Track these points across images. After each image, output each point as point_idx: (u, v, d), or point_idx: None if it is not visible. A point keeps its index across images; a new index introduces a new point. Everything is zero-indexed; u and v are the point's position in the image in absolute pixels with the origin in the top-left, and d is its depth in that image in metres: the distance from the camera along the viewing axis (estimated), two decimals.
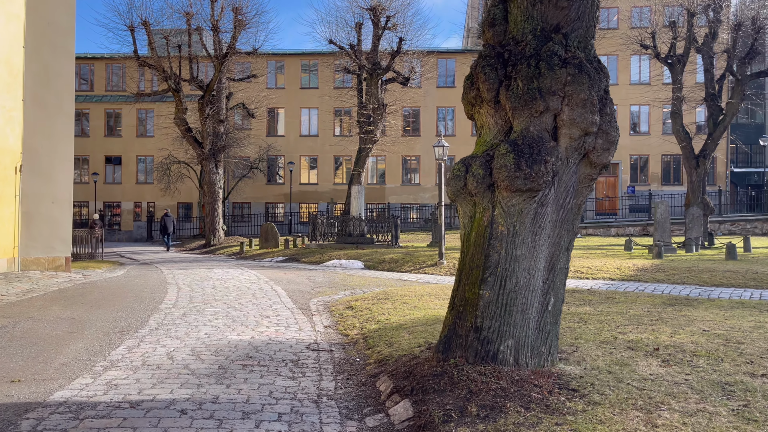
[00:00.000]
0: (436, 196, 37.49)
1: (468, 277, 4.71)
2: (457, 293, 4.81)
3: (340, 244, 21.23)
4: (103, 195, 39.47)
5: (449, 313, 4.86)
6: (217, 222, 25.75)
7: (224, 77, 25.51)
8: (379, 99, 24.16)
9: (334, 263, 17.84)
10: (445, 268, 16.24)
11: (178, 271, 14.44)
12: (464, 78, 5.14)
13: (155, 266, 16.53)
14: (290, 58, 38.80)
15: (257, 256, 21.17)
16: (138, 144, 39.45)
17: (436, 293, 9.83)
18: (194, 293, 10.62)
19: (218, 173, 25.72)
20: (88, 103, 39.67)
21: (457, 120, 37.84)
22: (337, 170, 39.05)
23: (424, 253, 18.35)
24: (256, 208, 38.57)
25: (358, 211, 22.07)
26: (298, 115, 38.85)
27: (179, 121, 24.09)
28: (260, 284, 12.29)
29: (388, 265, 17.16)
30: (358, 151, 24.81)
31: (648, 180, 36.59)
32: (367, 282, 13.68)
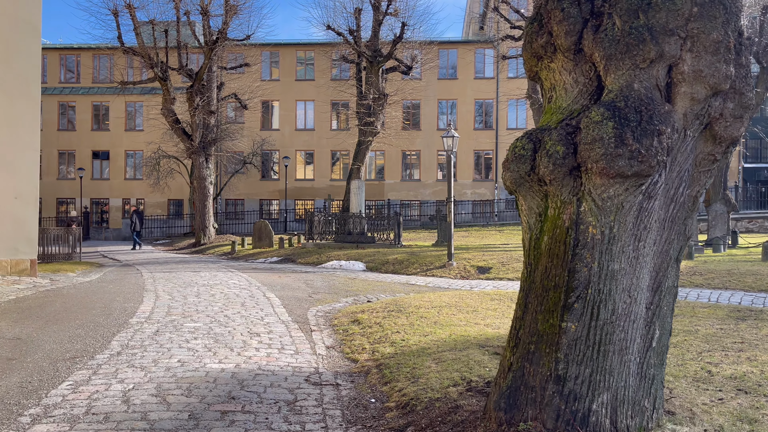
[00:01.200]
0: (437, 193, 36.10)
1: (541, 301, 3.28)
2: (523, 324, 3.38)
3: (338, 243, 19.80)
4: (90, 191, 37.88)
5: (510, 351, 3.43)
6: (207, 220, 24.25)
7: (215, 65, 23.98)
8: (380, 89, 22.72)
9: (333, 264, 16.40)
10: (454, 270, 14.84)
11: (160, 275, 12.97)
12: (527, 22, 3.68)
13: (137, 268, 15.05)
14: (285, 48, 37.27)
15: (250, 257, 19.71)
16: (127, 138, 37.89)
17: (456, 304, 8.42)
18: (174, 303, 9.17)
19: (209, 168, 24.21)
20: (75, 95, 38.08)
21: (459, 114, 36.40)
22: (334, 165, 37.59)
23: (431, 254, 16.94)
24: (249, 205, 37.07)
25: (358, 207, 20.63)
26: (294, 108, 37.34)
27: (167, 112, 22.54)
28: (251, 290, 10.85)
29: (392, 266, 15.75)
30: (358, 144, 23.37)
31: None
32: (372, 287, 12.26)
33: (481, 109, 36.48)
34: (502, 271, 14.28)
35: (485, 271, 14.62)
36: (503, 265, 14.83)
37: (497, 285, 12.49)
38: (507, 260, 15.23)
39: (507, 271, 14.27)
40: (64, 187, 37.97)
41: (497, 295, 9.40)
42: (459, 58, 36.26)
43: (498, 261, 15.25)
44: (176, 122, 22.98)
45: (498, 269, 14.48)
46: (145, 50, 21.99)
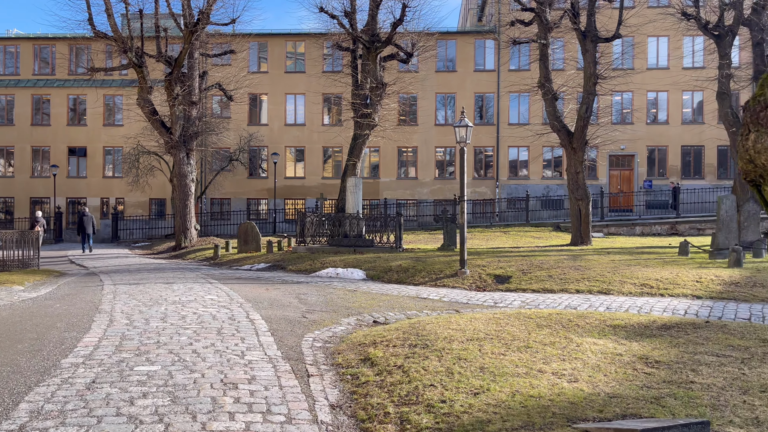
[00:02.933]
0: (435, 192, 34.21)
1: None
2: None
3: (333, 247, 17.81)
4: (66, 190, 35.57)
5: None
6: (188, 221, 22.15)
7: (196, 51, 21.87)
8: (378, 77, 20.76)
9: (328, 272, 14.42)
10: (468, 280, 12.91)
11: (125, 288, 10.93)
12: None
13: (101, 279, 12.98)
14: (274, 39, 35.18)
15: (234, 263, 17.68)
16: (105, 133, 35.63)
17: (497, 334, 6.47)
18: (130, 331, 7.17)
19: (190, 164, 22.11)
20: (49, 87, 35.77)
21: (458, 108, 34.44)
22: (326, 163, 35.56)
23: (438, 260, 15.01)
24: (236, 205, 34.96)
25: (355, 207, 18.66)
26: (283, 102, 35.26)
27: (143, 102, 20.42)
28: (232, 309, 8.86)
29: (397, 275, 13.80)
30: (353, 138, 21.39)
31: (666, 173, 33.54)
32: (377, 302, 10.31)
33: (481, 103, 34.61)
34: (524, 281, 12.37)
35: (504, 280, 12.71)
36: (524, 273, 12.92)
37: (525, 299, 10.57)
38: (527, 268, 13.33)
39: (530, 281, 12.36)
40: (38, 185, 35.67)
41: (540, 318, 7.48)
42: (458, 49, 34.34)
43: (517, 268, 13.34)
44: (153, 113, 20.86)
45: (519, 279, 12.57)
46: (119, 33, 19.85)
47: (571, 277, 12.31)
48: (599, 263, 13.51)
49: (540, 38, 19.38)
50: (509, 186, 33.81)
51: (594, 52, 18.30)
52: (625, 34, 19.96)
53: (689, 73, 32.60)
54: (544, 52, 19.59)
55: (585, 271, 12.66)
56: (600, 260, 14.03)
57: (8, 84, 35.80)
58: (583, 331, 6.66)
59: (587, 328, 6.82)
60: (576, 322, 7.18)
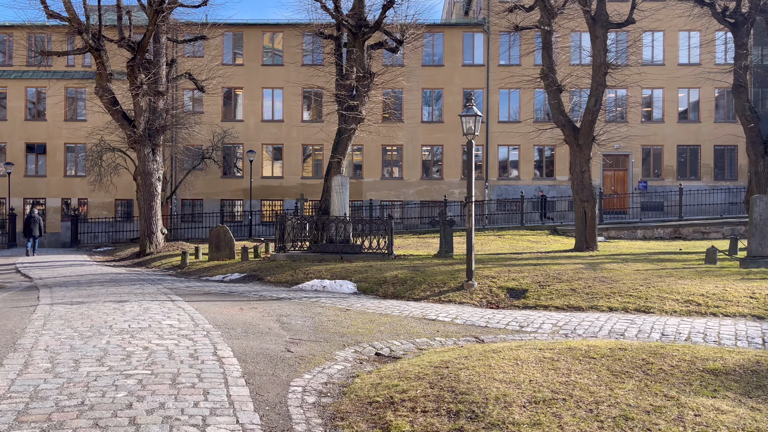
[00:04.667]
0: (421, 193, 32.41)
1: None
2: None
3: (317, 254, 15.85)
4: (23, 190, 32.91)
5: None
6: (154, 224, 19.93)
7: (163, 36, 19.69)
8: (365, 66, 18.85)
9: (313, 285, 12.46)
10: (477, 294, 11.09)
11: (62, 310, 8.84)
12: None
13: (39, 295, 10.83)
14: (250, 29, 33.03)
15: (204, 272, 15.59)
16: (67, 129, 33.07)
17: (567, 391, 4.60)
18: (47, 384, 5.16)
19: (156, 161, 19.91)
20: (5, 79, 33.12)
21: (445, 104, 32.74)
22: (306, 161, 33.52)
23: (438, 269, 13.16)
24: (209, 206, 32.70)
25: (342, 209, 16.72)
26: (260, 97, 33.12)
27: (102, 91, 18.20)
28: (195, 341, 6.90)
29: (393, 288, 11.91)
30: (338, 133, 19.45)
31: (662, 174, 32.22)
32: (377, 326, 8.42)
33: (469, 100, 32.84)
34: (544, 296, 10.59)
35: (519, 295, 10.91)
36: (541, 286, 11.14)
37: (554, 320, 8.75)
38: (543, 279, 11.55)
39: (550, 295, 10.58)
40: None
41: (604, 357, 5.64)
42: (446, 42, 32.60)
43: (532, 280, 11.56)
44: (114, 103, 18.64)
45: (536, 293, 10.78)
46: (74, 13, 17.62)
47: (599, 291, 10.56)
48: (624, 273, 11.80)
49: (543, 24, 17.69)
50: (499, 187, 32.17)
51: (605, 38, 16.67)
52: (639, 20, 18.35)
53: (685, 70, 31.34)
54: (547, 40, 17.90)
55: (612, 284, 10.93)
56: (622, 270, 12.32)
57: None
58: (679, 382, 4.84)
59: (680, 376, 5.01)
60: (657, 364, 5.37)
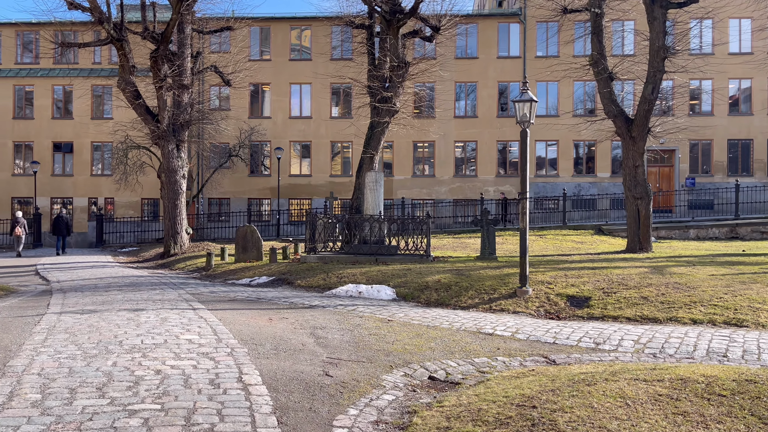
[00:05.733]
0: (454, 191, 31.13)
1: None
2: None
3: (350, 255, 14.75)
4: (50, 189, 32.56)
5: None
6: (178, 223, 19.07)
7: (188, 26, 18.80)
8: (400, 55, 17.68)
9: (348, 290, 11.35)
10: (534, 303, 9.85)
11: (71, 321, 7.86)
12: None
13: (50, 301, 9.91)
14: (277, 23, 32.13)
15: (230, 275, 14.61)
16: (93, 128, 32.59)
17: None
18: (33, 423, 4.12)
19: (181, 157, 19.04)
20: (33, 78, 32.77)
21: (479, 98, 31.38)
22: (335, 159, 32.49)
23: (484, 273, 11.93)
24: (236, 205, 31.89)
25: (376, 207, 15.59)
26: (288, 93, 32.20)
27: (124, 84, 17.38)
28: (217, 361, 5.83)
29: (436, 294, 10.73)
30: (370, 127, 18.32)
31: (711, 170, 30.38)
32: (426, 341, 7.26)
33: (504, 93, 31.50)
34: (611, 305, 9.31)
35: (582, 303, 9.65)
36: (606, 293, 9.85)
37: (633, 336, 7.47)
38: (607, 285, 10.26)
39: (618, 304, 9.30)
40: (20, 184, 32.66)
41: (742, 395, 4.40)
42: (480, 34, 31.24)
43: (593, 286, 10.28)
44: (136, 97, 17.81)
45: (601, 301, 9.51)
46: (95, 3, 16.82)
47: (675, 299, 9.24)
48: (698, 279, 10.42)
49: (593, 6, 16.30)
50: (536, 185, 30.69)
51: (663, 19, 15.22)
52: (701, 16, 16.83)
53: (736, 59, 29.49)
54: (597, 24, 16.51)
55: (689, 291, 9.59)
56: (694, 275, 10.93)
57: None
58: None
59: None
60: None
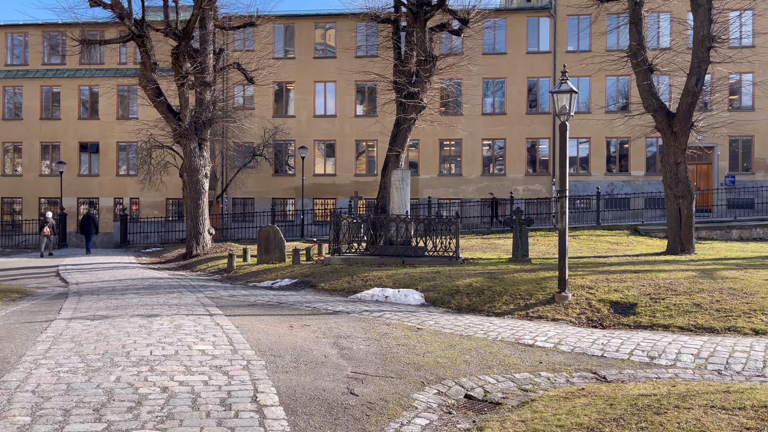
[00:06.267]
0: (481, 190, 30.36)
1: None
2: None
3: (375, 257, 14.15)
4: (76, 189, 32.65)
5: None
6: (201, 223, 18.69)
7: (210, 22, 18.41)
8: (427, 49, 17.03)
9: (373, 294, 10.74)
10: (575, 309, 9.13)
11: (79, 327, 7.41)
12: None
13: (63, 305, 9.50)
14: (301, 21, 31.72)
15: (252, 277, 14.13)
16: (119, 128, 32.58)
17: None
18: None
19: (203, 156, 18.67)
20: (59, 78, 32.90)
21: (508, 95, 30.55)
22: (359, 158, 31.96)
23: (518, 276, 11.21)
24: (260, 205, 31.57)
25: (402, 207, 14.97)
26: (312, 91, 31.76)
27: (146, 81, 17.06)
28: (230, 376, 5.29)
29: (468, 299, 10.07)
30: (396, 123, 17.70)
31: (752, 168, 29.09)
32: (459, 353, 6.62)
33: (534, 89, 30.60)
34: (659, 313, 8.55)
35: (627, 310, 8.90)
36: (653, 300, 9.09)
37: (690, 349, 6.72)
38: (653, 291, 9.48)
39: (668, 311, 8.54)
40: (47, 184, 32.81)
41: None
42: (508, 28, 30.40)
43: (639, 291, 9.52)
44: (158, 94, 17.47)
45: (649, 308, 8.76)
46: None
47: (732, 307, 8.44)
48: (754, 284, 9.57)
49: None
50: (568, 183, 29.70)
51: (708, 7, 14.30)
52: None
53: None
54: (636, 13, 15.64)
55: (747, 298, 8.78)
56: (749, 279, 10.07)
57: (16, 75, 33.06)
58: None
59: None
60: None
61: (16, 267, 18.36)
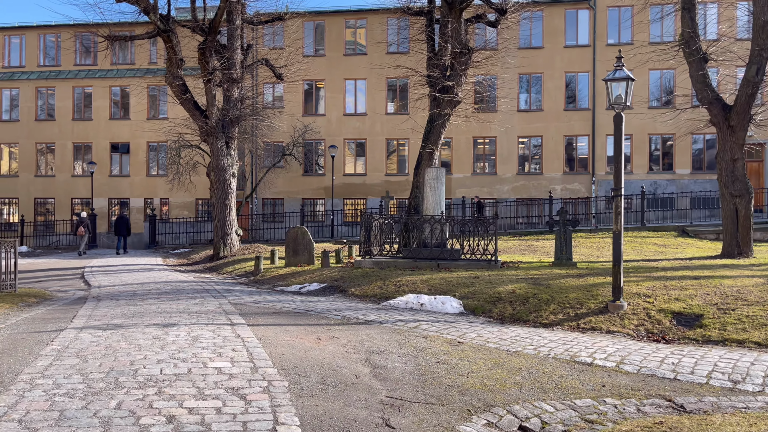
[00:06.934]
0: (517, 189, 29.31)
1: None
2: None
3: (408, 260, 13.37)
4: (107, 190, 32.66)
5: None
6: (228, 224, 18.17)
7: (238, 16, 17.87)
8: (463, 41, 16.18)
9: (408, 301, 9.97)
10: (632, 320, 8.22)
11: (89, 338, 6.81)
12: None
13: (78, 312, 8.96)
14: (332, 17, 31.12)
15: (279, 280, 13.49)
16: (149, 128, 32.45)
17: None
18: None
19: (230, 155, 18.15)
20: (91, 79, 32.95)
21: (545, 90, 29.43)
22: (390, 157, 31.21)
23: (565, 283, 10.31)
24: (290, 205, 31.07)
25: (437, 207, 14.16)
26: (342, 89, 31.12)
27: (172, 78, 16.61)
28: (247, 401, 4.60)
29: (511, 307, 9.22)
30: (429, 120, 16.89)
31: None
32: (508, 373, 5.81)
33: (572, 85, 29.42)
34: (731, 326, 7.60)
35: (691, 322, 7.95)
36: (722, 310, 8.12)
37: None
38: (720, 300, 8.50)
39: (740, 325, 7.59)
40: (79, 185, 32.89)
41: None
42: (545, 22, 29.29)
43: (703, 301, 8.55)
44: (184, 91, 17.02)
45: (718, 321, 7.80)
46: None
47: None
48: None
49: None
50: (607, 182, 28.49)
51: None
52: None
53: None
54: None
55: None
56: None
57: (49, 76, 33.23)
58: None
59: None
60: None
61: (44, 268, 18.12)
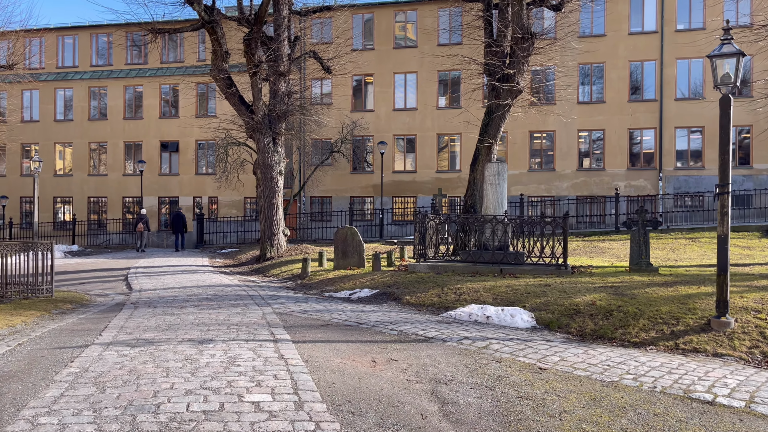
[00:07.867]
0: (577, 186, 27.67)
1: None
2: None
3: (468, 264, 12.24)
4: (157, 189, 32.66)
5: None
6: (275, 224, 17.42)
7: (284, 6, 17.05)
8: (525, 25, 14.89)
9: (471, 313, 8.86)
10: (743, 341, 6.91)
11: (113, 357, 6.00)
12: None
13: (113, 321, 8.24)
14: (380, 9, 30.12)
15: (327, 285, 12.58)
16: (198, 126, 32.23)
17: None
18: None
19: (277, 152, 17.39)
20: (141, 78, 32.98)
21: (607, 81, 27.67)
22: (441, 153, 30.02)
23: (651, 293, 8.98)
24: (338, 204, 30.29)
25: (498, 206, 12.97)
26: (392, 84, 30.11)
27: (216, 71, 15.95)
28: None
29: (591, 322, 8.00)
30: (487, 112, 15.65)
31: None
32: (609, 413, 4.64)
33: (637, 74, 27.54)
34: None
35: None
36: None
37: None
38: None
39: None
40: (130, 184, 33.00)
41: None
42: (607, 8, 27.51)
43: None
44: (229, 85, 16.34)
45: None
46: None
47: None
48: None
49: None
50: (676, 178, 26.54)
51: None
52: None
53: None
54: None
55: None
56: None
57: (101, 75, 33.47)
58: None
59: None
60: None
61: (91, 269, 17.81)
